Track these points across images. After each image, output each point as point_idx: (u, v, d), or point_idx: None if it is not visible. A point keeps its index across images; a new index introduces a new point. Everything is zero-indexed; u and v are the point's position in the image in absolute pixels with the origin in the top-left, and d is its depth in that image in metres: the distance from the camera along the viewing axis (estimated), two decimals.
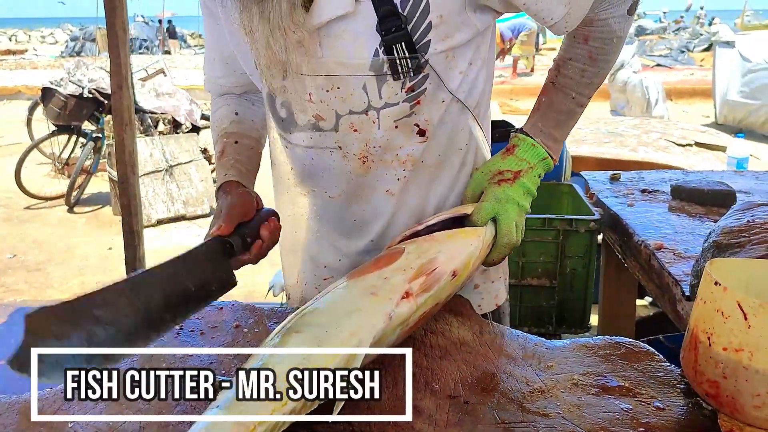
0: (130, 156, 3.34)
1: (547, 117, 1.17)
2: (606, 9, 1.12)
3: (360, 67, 1.06)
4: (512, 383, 0.99)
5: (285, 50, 1.04)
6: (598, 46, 1.15)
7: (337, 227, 1.25)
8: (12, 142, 8.93)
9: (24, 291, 4.47)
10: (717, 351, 0.87)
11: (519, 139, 1.15)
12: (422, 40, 1.05)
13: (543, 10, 1.08)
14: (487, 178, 1.13)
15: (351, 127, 1.13)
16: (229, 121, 1.32)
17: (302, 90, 1.11)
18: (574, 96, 1.17)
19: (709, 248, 1.27)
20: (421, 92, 1.10)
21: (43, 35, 33.27)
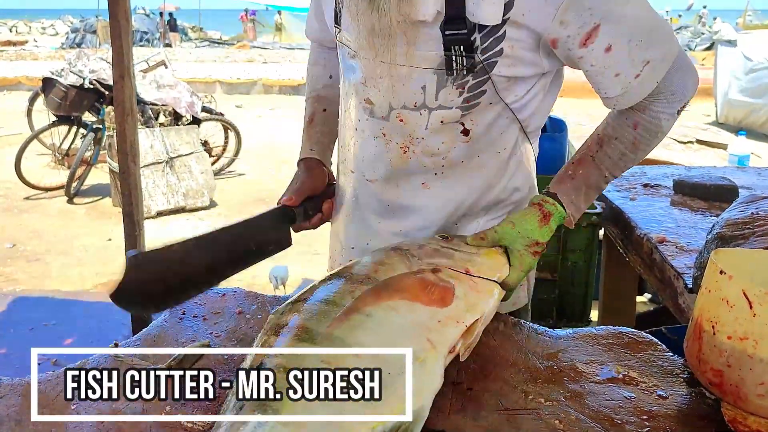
0: (131, 146, 3.32)
1: (580, 190, 1.17)
2: (659, 102, 1.14)
3: (423, 60, 1.11)
4: (515, 371, 1.00)
5: (372, 36, 1.11)
6: (644, 135, 1.16)
7: (370, 209, 1.31)
8: (12, 133, 8.90)
9: (23, 280, 4.46)
10: (721, 340, 0.87)
11: (556, 209, 1.14)
12: (489, 59, 1.10)
13: (601, 83, 1.12)
14: (525, 243, 1.12)
15: (398, 118, 1.18)
16: (323, 84, 1.44)
17: (363, 71, 1.18)
18: (607, 175, 1.19)
19: (713, 240, 1.27)
20: (477, 103, 1.14)
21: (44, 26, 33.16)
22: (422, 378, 0.84)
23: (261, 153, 8.03)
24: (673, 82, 1.13)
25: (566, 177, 1.18)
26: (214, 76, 13.96)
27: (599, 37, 1.05)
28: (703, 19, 25.02)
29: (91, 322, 3.85)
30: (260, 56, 17.61)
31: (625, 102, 1.13)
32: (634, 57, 1.07)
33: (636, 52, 1.07)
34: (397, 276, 1.00)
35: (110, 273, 4.55)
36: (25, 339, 3.59)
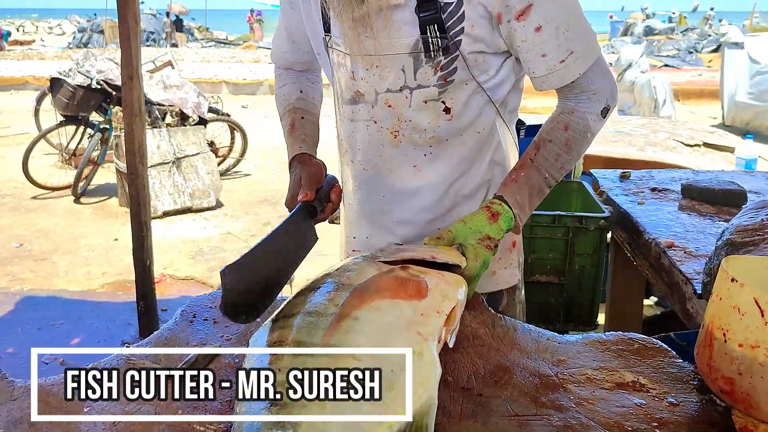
0: (139, 147, 3.34)
1: (523, 191, 1.25)
2: (584, 102, 1.26)
3: (401, 46, 1.23)
4: (525, 377, 1.00)
5: (351, 26, 1.22)
6: (575, 136, 1.26)
7: (369, 200, 1.42)
8: (19, 132, 8.94)
9: (30, 280, 4.49)
10: (733, 347, 0.87)
11: (503, 209, 1.21)
12: (455, 37, 1.22)
13: (530, 61, 1.25)
14: (477, 238, 1.19)
15: (386, 103, 1.30)
16: (296, 98, 1.52)
17: (348, 68, 1.31)
18: (546, 176, 1.27)
19: (723, 246, 1.27)
20: (451, 80, 1.26)
21: (51, 26, 33.30)
22: (423, 369, 0.86)
23: (267, 153, 8.04)
24: (594, 81, 1.26)
25: (510, 181, 1.26)
26: (220, 77, 14.00)
27: (531, 15, 1.19)
28: (709, 21, 24.94)
29: (98, 321, 3.87)
30: (266, 57, 17.62)
31: (548, 84, 1.25)
32: (560, 43, 1.21)
33: (562, 39, 1.21)
34: (373, 278, 1.02)
35: (116, 273, 4.57)
36: (32, 338, 3.61)
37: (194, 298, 1.24)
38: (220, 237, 5.37)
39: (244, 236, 5.37)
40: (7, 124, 9.82)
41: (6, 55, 18.18)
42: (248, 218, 5.84)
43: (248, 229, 5.54)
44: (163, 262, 4.65)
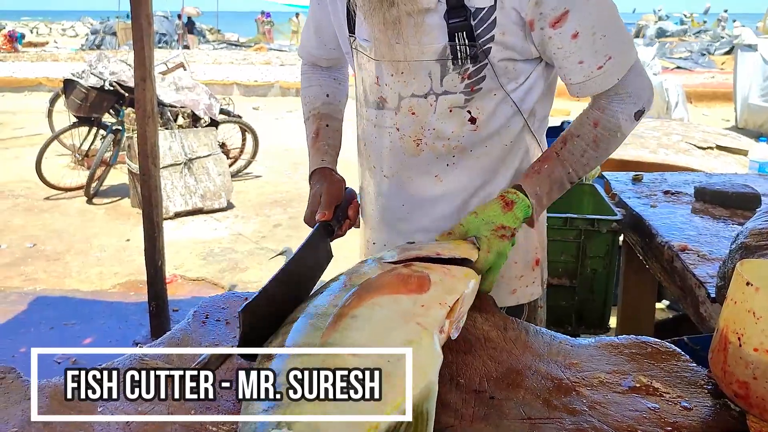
0: (152, 148, 3.36)
1: (544, 183, 1.24)
2: (617, 102, 1.24)
3: (429, 53, 1.21)
4: (537, 380, 0.99)
5: (381, 30, 1.21)
6: (604, 134, 1.25)
7: (389, 206, 1.40)
8: (33, 133, 9.01)
9: (43, 280, 4.52)
10: (748, 352, 0.87)
11: (519, 197, 1.21)
12: (485, 45, 1.20)
13: (566, 68, 1.22)
14: (490, 228, 1.17)
15: (410, 110, 1.28)
16: (321, 102, 1.51)
17: (372, 72, 1.29)
18: (570, 171, 1.25)
19: (737, 249, 1.26)
20: (479, 88, 1.24)
21: (64, 28, 33.55)
22: (422, 357, 0.86)
23: (278, 155, 8.06)
24: (632, 84, 1.23)
25: (532, 172, 1.25)
26: (231, 78, 14.05)
27: (567, 22, 1.16)
28: (722, 23, 24.77)
29: (109, 321, 3.89)
30: (277, 58, 17.69)
31: (586, 90, 1.23)
32: (598, 49, 1.19)
33: (599, 44, 1.18)
34: (375, 277, 1.03)
35: (128, 273, 4.60)
36: (45, 338, 3.64)
37: (207, 299, 1.24)
38: (231, 238, 5.39)
39: (254, 237, 5.38)
40: (21, 125, 9.91)
41: (20, 56, 18.34)
42: (259, 219, 5.86)
43: (259, 231, 5.55)
44: (174, 262, 4.67)
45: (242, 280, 4.53)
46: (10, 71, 14.92)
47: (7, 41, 20.10)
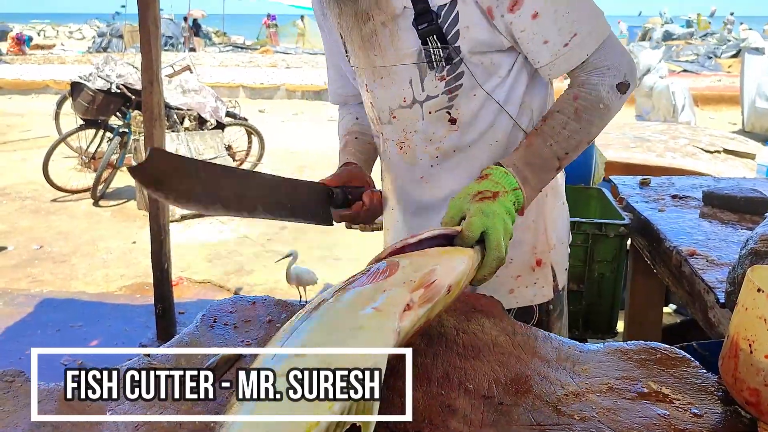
0: None
1: (522, 156, 1.19)
2: (595, 75, 1.20)
3: (405, 57, 1.23)
4: (546, 385, 0.99)
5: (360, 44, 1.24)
6: (584, 104, 1.20)
7: (400, 218, 1.44)
8: (40, 136, 9.05)
9: (50, 282, 4.53)
10: (759, 358, 0.86)
11: (492, 168, 1.17)
12: (454, 42, 1.21)
13: (532, 50, 1.21)
14: (468, 199, 1.12)
15: (398, 119, 1.32)
16: (351, 123, 1.54)
17: (363, 83, 1.33)
18: (551, 144, 1.19)
19: (747, 255, 1.25)
20: (457, 86, 1.24)
21: (71, 30, 33.68)
22: (368, 340, 0.86)
23: (283, 158, 8.08)
24: (608, 57, 1.20)
25: (512, 151, 1.22)
26: (237, 81, 14.09)
27: (525, 4, 1.16)
28: (728, 26, 24.70)
29: (116, 323, 3.91)
30: (283, 61, 17.74)
31: (556, 70, 1.21)
32: (561, 26, 1.17)
33: (562, 21, 1.17)
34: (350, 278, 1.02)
35: (134, 275, 4.61)
36: (51, 340, 3.65)
37: (214, 303, 1.24)
38: (237, 240, 5.39)
39: (260, 240, 5.39)
40: (28, 128, 9.96)
41: (27, 59, 18.44)
42: (265, 222, 5.86)
43: (265, 233, 5.56)
44: (180, 265, 4.68)
45: (248, 282, 4.53)
46: (18, 74, 15.00)
47: (15, 44, 20.21)
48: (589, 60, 1.19)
